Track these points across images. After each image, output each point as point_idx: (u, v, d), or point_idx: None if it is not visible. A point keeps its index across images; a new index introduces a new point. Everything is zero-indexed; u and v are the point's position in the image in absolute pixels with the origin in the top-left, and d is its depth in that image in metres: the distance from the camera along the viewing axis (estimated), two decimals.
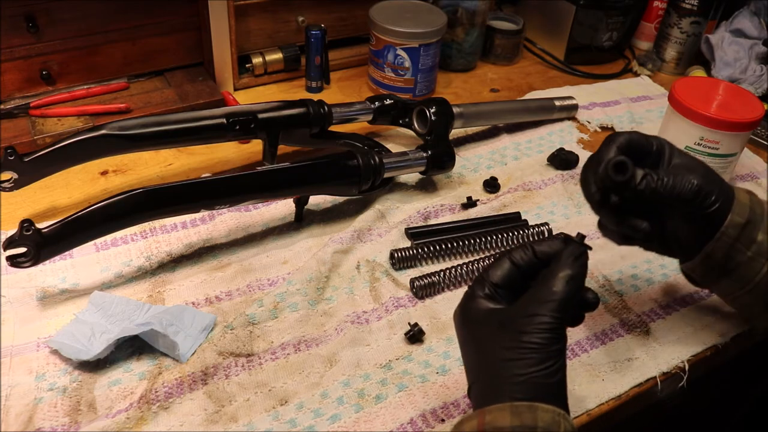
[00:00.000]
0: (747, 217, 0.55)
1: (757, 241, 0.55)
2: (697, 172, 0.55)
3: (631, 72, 1.19)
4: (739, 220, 0.55)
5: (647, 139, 0.57)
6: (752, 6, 1.13)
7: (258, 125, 0.77)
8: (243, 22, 0.97)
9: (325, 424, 0.56)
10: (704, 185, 0.54)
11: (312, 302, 0.67)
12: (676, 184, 0.53)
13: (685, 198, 0.54)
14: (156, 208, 0.65)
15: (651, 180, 0.53)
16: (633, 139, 0.57)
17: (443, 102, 0.85)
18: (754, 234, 0.55)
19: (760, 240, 0.55)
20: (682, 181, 0.53)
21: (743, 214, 0.55)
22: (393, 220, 0.78)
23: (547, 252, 0.50)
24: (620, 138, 0.56)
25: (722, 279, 0.58)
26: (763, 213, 0.56)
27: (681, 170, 0.55)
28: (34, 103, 0.87)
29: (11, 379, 0.57)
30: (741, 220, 0.55)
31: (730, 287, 0.58)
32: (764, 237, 0.55)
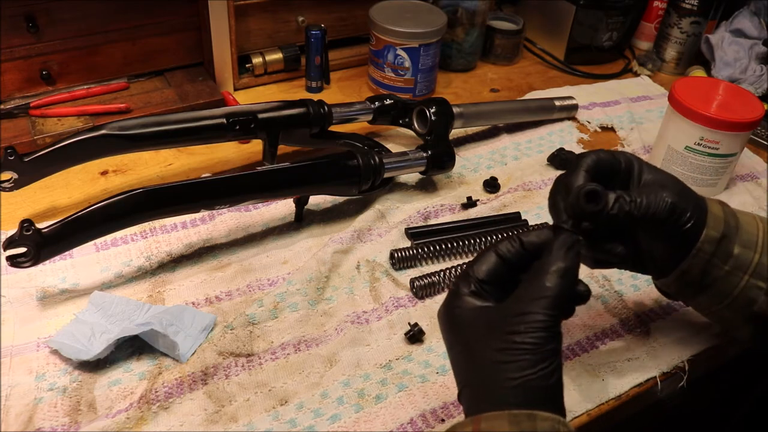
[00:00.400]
0: (722, 231, 0.53)
1: (734, 254, 0.53)
2: (670, 189, 0.53)
3: (631, 72, 1.19)
4: (714, 234, 0.53)
5: (615, 156, 0.55)
6: (752, 6, 1.13)
7: (258, 125, 0.77)
8: (243, 22, 0.97)
9: (325, 424, 0.56)
10: (678, 202, 0.52)
11: (312, 302, 0.67)
12: (650, 203, 0.51)
13: (659, 217, 0.52)
14: (156, 208, 0.65)
15: (624, 203, 0.51)
16: (600, 159, 0.54)
17: (443, 102, 0.85)
18: (731, 248, 0.53)
19: (737, 253, 0.53)
20: (656, 199, 0.51)
21: (718, 228, 0.53)
22: (393, 220, 0.78)
23: (536, 242, 0.48)
24: (587, 160, 0.54)
25: (699, 295, 0.56)
26: (737, 224, 0.54)
27: (653, 187, 0.53)
28: (34, 103, 0.87)
29: (11, 379, 0.57)
30: (716, 234, 0.53)
31: (708, 302, 0.56)
32: (741, 250, 0.53)
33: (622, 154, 0.55)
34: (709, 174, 0.85)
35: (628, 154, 0.56)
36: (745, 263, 0.53)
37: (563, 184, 0.53)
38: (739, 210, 0.57)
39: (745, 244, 0.53)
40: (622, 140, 0.99)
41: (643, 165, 0.55)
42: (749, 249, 0.53)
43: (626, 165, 0.55)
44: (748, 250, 0.53)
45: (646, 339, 0.66)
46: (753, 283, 0.53)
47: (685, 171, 0.86)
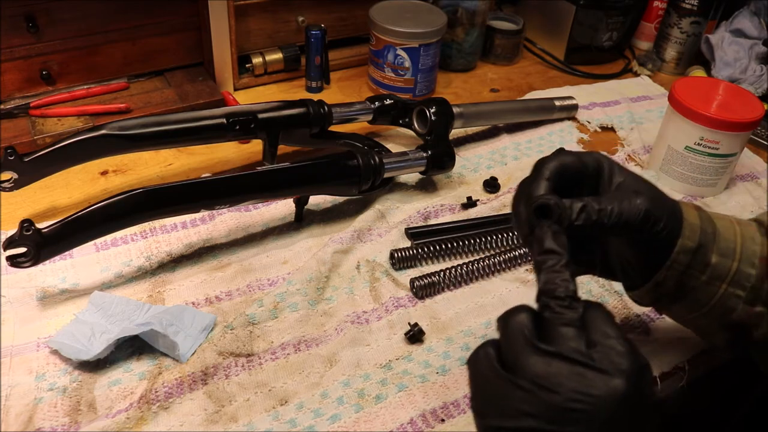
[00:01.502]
0: (698, 240, 0.50)
1: (711, 264, 0.51)
2: (643, 194, 0.49)
3: (631, 72, 1.19)
4: (690, 244, 0.50)
5: (581, 159, 0.51)
6: (752, 6, 1.13)
7: (258, 125, 0.77)
8: (243, 22, 0.97)
9: (325, 424, 0.56)
10: (652, 209, 0.48)
11: (312, 302, 0.67)
12: (622, 210, 0.47)
13: (632, 225, 0.48)
14: (156, 208, 0.64)
15: (591, 211, 0.47)
16: (565, 164, 0.50)
17: (443, 102, 0.85)
18: (708, 257, 0.51)
19: (715, 263, 0.51)
20: (629, 206, 0.47)
21: (694, 237, 0.50)
22: (393, 220, 0.78)
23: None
24: (549, 166, 0.49)
25: (674, 304, 0.53)
26: (714, 232, 0.51)
27: (626, 193, 0.49)
28: (34, 103, 0.87)
29: (11, 379, 0.57)
30: (692, 244, 0.50)
31: (683, 311, 0.54)
32: (718, 259, 0.51)
33: (590, 155, 0.51)
34: (709, 174, 0.85)
35: (596, 154, 0.52)
36: (722, 272, 0.51)
37: (525, 192, 0.50)
38: (717, 214, 0.54)
39: (722, 253, 0.51)
40: (622, 140, 0.99)
41: (613, 167, 0.51)
42: (727, 257, 0.51)
43: (595, 168, 0.51)
44: (726, 259, 0.51)
45: (646, 339, 0.66)
46: (731, 292, 0.51)
47: (685, 171, 0.86)
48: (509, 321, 0.41)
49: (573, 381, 0.37)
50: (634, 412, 0.38)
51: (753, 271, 0.51)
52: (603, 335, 0.40)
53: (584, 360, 0.38)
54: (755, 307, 0.51)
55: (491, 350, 0.41)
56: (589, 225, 0.47)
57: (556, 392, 0.37)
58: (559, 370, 0.38)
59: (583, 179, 0.51)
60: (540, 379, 0.38)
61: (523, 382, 0.38)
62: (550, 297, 0.41)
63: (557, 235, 0.44)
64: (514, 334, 0.40)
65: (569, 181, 0.50)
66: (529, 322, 0.41)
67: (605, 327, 0.41)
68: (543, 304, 0.42)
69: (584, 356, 0.38)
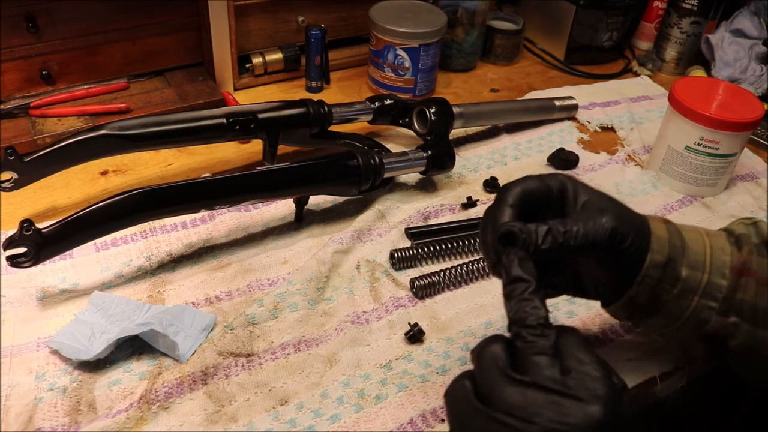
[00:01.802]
0: (667, 254, 0.50)
1: (682, 277, 0.51)
2: (609, 212, 0.48)
3: (631, 72, 1.19)
4: (659, 258, 0.50)
5: (544, 182, 0.51)
6: (752, 6, 1.13)
7: (258, 125, 0.77)
8: (243, 22, 0.97)
9: (325, 424, 0.56)
10: (618, 226, 0.48)
11: (312, 302, 0.67)
12: (587, 231, 0.47)
13: (599, 244, 0.47)
14: (156, 208, 0.64)
15: (557, 234, 0.46)
16: (528, 190, 0.50)
17: (443, 102, 0.85)
18: (678, 271, 0.51)
19: (685, 276, 0.51)
20: (594, 226, 0.47)
21: (662, 251, 0.50)
22: (393, 220, 0.78)
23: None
24: (512, 193, 0.50)
25: (649, 318, 0.53)
26: (683, 245, 0.51)
27: (591, 212, 0.48)
28: (34, 103, 0.87)
29: (11, 379, 0.57)
30: (661, 258, 0.50)
31: (659, 324, 0.54)
32: (689, 272, 0.51)
33: (554, 177, 0.51)
34: (709, 174, 0.85)
35: (560, 176, 0.51)
36: (694, 285, 0.51)
37: (491, 219, 0.50)
38: (685, 226, 0.54)
39: (692, 266, 0.51)
40: (622, 140, 0.99)
41: (577, 187, 0.51)
42: (697, 270, 0.51)
43: (559, 189, 0.51)
44: (696, 271, 0.51)
45: (646, 339, 0.66)
46: (704, 304, 0.51)
47: (685, 171, 0.86)
48: (483, 353, 0.42)
49: (549, 410, 0.38)
50: None
51: (724, 282, 0.51)
52: (577, 361, 0.40)
53: (559, 388, 0.38)
54: (728, 317, 0.51)
55: (467, 383, 0.41)
56: (555, 248, 0.47)
57: (533, 422, 0.37)
58: (535, 399, 0.38)
59: (549, 202, 0.51)
60: (516, 409, 0.38)
61: (499, 414, 0.38)
62: (521, 326, 0.41)
63: (524, 261, 0.45)
64: (488, 365, 0.41)
65: (534, 206, 0.50)
66: (503, 353, 0.41)
67: (579, 353, 0.41)
68: (515, 334, 0.42)
69: (559, 384, 0.39)
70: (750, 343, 0.51)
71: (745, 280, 0.52)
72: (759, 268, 0.52)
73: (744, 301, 0.51)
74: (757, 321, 0.51)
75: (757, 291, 0.51)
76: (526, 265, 0.44)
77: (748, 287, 0.51)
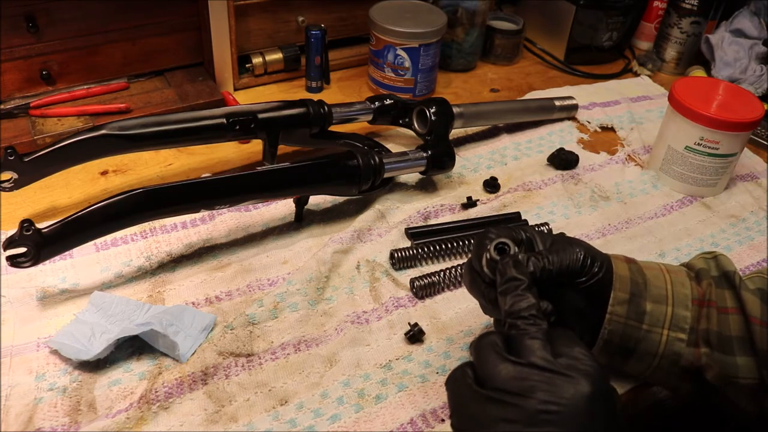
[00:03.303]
0: (630, 290, 0.53)
1: (647, 311, 0.53)
2: (577, 244, 0.53)
3: (631, 72, 1.19)
4: (622, 295, 0.53)
5: (515, 231, 0.54)
6: (752, 6, 1.13)
7: (258, 125, 0.77)
8: (243, 22, 0.97)
9: (325, 424, 0.56)
10: (587, 252, 0.52)
11: (312, 302, 0.67)
12: (562, 258, 0.51)
13: (574, 269, 0.52)
14: (156, 208, 0.64)
15: (538, 259, 0.51)
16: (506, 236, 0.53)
17: (443, 102, 0.85)
18: (642, 306, 0.53)
19: (650, 310, 0.53)
20: (566, 255, 0.51)
21: (625, 288, 0.53)
22: (393, 220, 0.78)
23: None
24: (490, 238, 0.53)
25: (628, 360, 0.55)
26: (645, 281, 0.54)
27: (561, 244, 0.53)
28: (34, 103, 0.87)
29: (11, 379, 0.57)
30: (625, 295, 0.53)
31: (638, 366, 0.55)
32: (653, 306, 0.53)
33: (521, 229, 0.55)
34: (709, 174, 0.85)
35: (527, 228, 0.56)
36: (659, 317, 0.53)
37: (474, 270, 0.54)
38: (646, 264, 0.56)
39: (655, 299, 0.53)
40: (622, 140, 0.99)
41: (544, 235, 0.55)
42: (660, 303, 0.53)
43: (528, 237, 0.54)
44: (660, 305, 0.53)
45: None
46: (673, 336, 0.53)
47: (685, 171, 0.86)
48: (481, 341, 0.45)
49: (543, 386, 0.41)
50: (600, 410, 0.41)
51: (688, 313, 0.53)
52: (567, 347, 0.44)
53: (551, 367, 0.42)
54: (699, 347, 0.53)
55: (468, 370, 0.45)
56: (538, 270, 0.50)
57: (529, 397, 0.41)
58: (530, 377, 0.42)
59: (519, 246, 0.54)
60: (512, 386, 0.42)
61: (495, 393, 0.42)
62: (515, 317, 0.46)
63: (518, 263, 0.49)
64: (486, 349, 0.44)
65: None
66: (500, 341, 0.45)
67: (568, 341, 0.45)
68: (509, 324, 0.46)
69: (551, 363, 0.42)
70: (725, 372, 0.52)
71: (707, 310, 0.54)
72: (718, 299, 0.54)
73: (710, 330, 0.53)
74: (725, 348, 0.52)
75: (719, 320, 0.53)
76: (519, 266, 0.49)
77: (711, 317, 0.53)
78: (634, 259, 0.56)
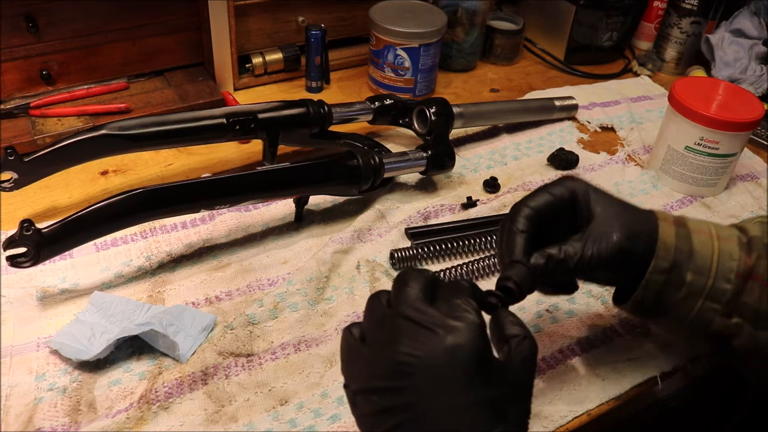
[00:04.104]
0: (672, 260, 0.52)
1: (687, 282, 0.52)
2: (617, 221, 0.51)
3: (631, 72, 1.19)
4: (663, 265, 0.51)
5: (554, 196, 0.53)
6: (752, 6, 1.13)
7: (258, 125, 0.77)
8: (243, 22, 0.97)
9: (325, 424, 0.56)
10: (625, 243, 0.51)
11: (312, 302, 0.67)
12: (593, 254, 0.50)
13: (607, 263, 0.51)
14: (156, 208, 0.64)
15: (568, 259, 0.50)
16: (539, 210, 0.53)
17: (443, 102, 0.85)
18: (683, 275, 0.52)
19: (690, 280, 0.52)
20: (599, 248, 0.50)
21: (667, 257, 0.52)
22: (393, 220, 0.78)
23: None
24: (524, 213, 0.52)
25: (656, 318, 0.56)
26: (691, 249, 0.52)
27: (600, 228, 0.51)
28: (34, 103, 0.87)
29: (11, 379, 0.57)
30: (666, 264, 0.51)
31: (665, 325, 0.56)
32: (693, 277, 0.52)
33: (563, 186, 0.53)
34: (709, 174, 0.85)
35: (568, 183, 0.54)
36: (698, 289, 0.52)
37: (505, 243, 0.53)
38: (698, 228, 0.54)
39: (698, 271, 0.52)
40: (622, 140, 0.99)
41: (588, 194, 0.53)
42: (702, 275, 0.52)
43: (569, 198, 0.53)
44: (702, 276, 0.52)
45: (646, 339, 0.66)
46: (708, 306, 0.52)
47: (685, 171, 0.86)
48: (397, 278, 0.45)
49: (405, 338, 0.40)
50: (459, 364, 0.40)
51: (728, 287, 0.52)
52: (450, 296, 0.43)
53: (417, 318, 0.41)
54: (732, 318, 0.53)
55: (356, 328, 0.45)
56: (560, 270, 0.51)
57: (393, 347, 0.40)
58: (396, 323, 0.41)
59: (559, 213, 0.53)
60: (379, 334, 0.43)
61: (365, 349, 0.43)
62: None
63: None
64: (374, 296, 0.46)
65: (549, 221, 0.53)
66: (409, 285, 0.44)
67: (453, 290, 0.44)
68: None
69: (419, 313, 0.41)
70: (752, 343, 0.52)
71: (751, 284, 0.52)
72: (765, 272, 0.53)
73: (747, 304, 0.52)
74: (757, 323, 0.52)
75: (761, 295, 0.52)
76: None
77: (753, 291, 0.52)
78: (684, 221, 0.54)
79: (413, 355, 0.40)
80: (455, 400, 0.39)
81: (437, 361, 0.39)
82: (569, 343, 0.65)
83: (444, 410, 0.39)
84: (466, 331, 0.40)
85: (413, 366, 0.39)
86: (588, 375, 0.62)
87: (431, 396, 0.39)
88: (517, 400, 0.42)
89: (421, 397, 0.39)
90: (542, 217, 0.53)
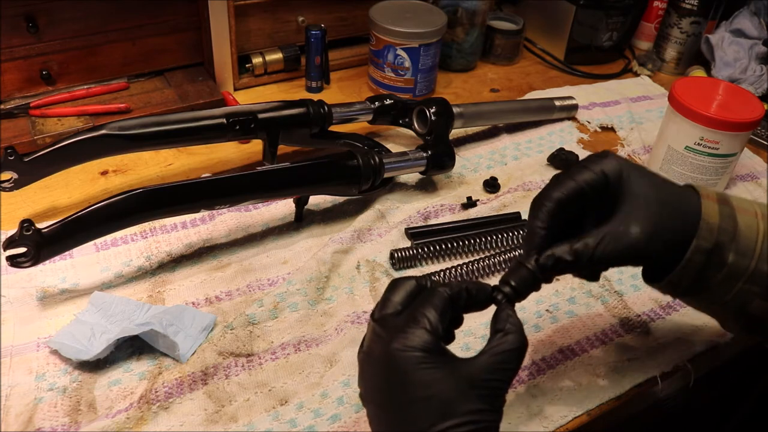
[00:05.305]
0: (715, 240, 0.49)
1: (728, 263, 0.49)
2: (643, 213, 0.48)
3: (631, 72, 1.19)
4: (705, 245, 0.48)
5: (579, 183, 0.50)
6: (752, 6, 1.13)
7: (258, 125, 0.77)
8: (243, 22, 0.97)
9: (325, 424, 0.56)
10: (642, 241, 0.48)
11: (312, 302, 0.67)
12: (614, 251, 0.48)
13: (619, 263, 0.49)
14: (156, 208, 0.64)
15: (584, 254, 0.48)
16: (561, 202, 0.50)
17: (443, 102, 0.85)
18: (725, 256, 0.49)
19: (732, 261, 0.49)
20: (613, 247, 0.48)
21: (710, 238, 0.49)
22: (393, 220, 0.78)
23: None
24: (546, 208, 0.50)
25: (691, 296, 0.53)
26: (735, 229, 0.49)
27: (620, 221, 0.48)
28: (34, 103, 0.87)
29: (11, 379, 0.57)
30: (707, 245, 0.48)
31: (699, 303, 0.54)
32: (736, 258, 0.49)
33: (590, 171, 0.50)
34: (709, 174, 0.85)
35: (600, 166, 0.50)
36: (740, 271, 0.49)
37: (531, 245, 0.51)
38: (743, 207, 0.52)
39: (741, 252, 0.49)
40: (622, 140, 0.99)
41: (621, 177, 0.50)
42: (746, 257, 0.49)
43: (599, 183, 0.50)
44: (745, 258, 0.49)
45: (646, 339, 0.66)
46: (747, 288, 0.50)
47: (685, 171, 0.86)
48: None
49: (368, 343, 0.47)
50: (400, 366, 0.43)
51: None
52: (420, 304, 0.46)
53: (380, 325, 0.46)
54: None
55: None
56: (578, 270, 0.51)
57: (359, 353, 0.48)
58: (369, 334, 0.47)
59: (590, 197, 0.50)
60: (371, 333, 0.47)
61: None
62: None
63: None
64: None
65: (577, 208, 0.51)
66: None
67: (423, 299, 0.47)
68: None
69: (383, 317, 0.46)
70: None
71: None
72: None
73: None
74: None
75: None
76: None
77: None
78: (728, 199, 0.52)
79: (367, 358, 0.46)
80: (398, 399, 0.43)
81: (381, 363, 0.44)
82: (569, 343, 0.65)
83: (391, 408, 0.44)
84: (411, 337, 0.44)
85: (366, 367, 0.46)
86: (588, 375, 0.62)
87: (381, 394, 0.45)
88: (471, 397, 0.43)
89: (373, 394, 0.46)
90: (567, 207, 0.50)
